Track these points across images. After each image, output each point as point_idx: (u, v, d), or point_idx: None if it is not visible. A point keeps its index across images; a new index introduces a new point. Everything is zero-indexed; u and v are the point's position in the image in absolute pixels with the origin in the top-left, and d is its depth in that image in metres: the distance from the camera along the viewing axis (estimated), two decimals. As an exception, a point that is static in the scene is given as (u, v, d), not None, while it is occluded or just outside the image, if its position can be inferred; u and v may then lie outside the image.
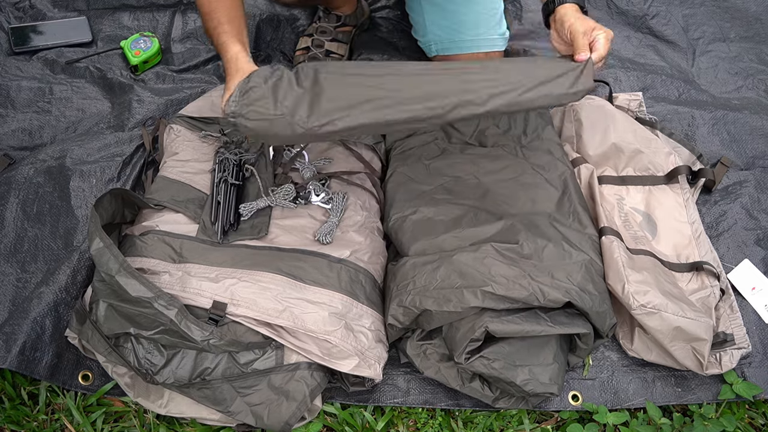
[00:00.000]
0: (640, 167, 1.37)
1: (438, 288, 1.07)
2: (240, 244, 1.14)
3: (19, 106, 1.44)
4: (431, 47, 1.52)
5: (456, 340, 1.06)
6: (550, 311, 1.08)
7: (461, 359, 1.04)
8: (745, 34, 1.74)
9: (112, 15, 1.64)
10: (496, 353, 1.05)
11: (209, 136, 1.32)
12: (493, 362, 1.04)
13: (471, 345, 1.04)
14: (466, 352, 1.04)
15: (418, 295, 1.07)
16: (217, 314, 1.02)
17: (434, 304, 1.05)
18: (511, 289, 1.04)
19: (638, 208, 1.32)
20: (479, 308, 1.05)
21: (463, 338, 1.04)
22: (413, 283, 1.09)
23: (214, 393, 1.04)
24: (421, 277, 1.09)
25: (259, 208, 1.20)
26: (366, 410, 1.15)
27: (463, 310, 1.04)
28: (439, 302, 1.05)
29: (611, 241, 1.18)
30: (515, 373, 1.04)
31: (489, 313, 1.05)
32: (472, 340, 1.03)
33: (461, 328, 1.06)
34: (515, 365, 1.04)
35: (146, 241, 1.12)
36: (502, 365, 1.04)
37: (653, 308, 1.10)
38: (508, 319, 1.04)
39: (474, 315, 1.05)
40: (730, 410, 1.18)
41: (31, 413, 1.12)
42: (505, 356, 1.05)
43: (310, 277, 1.10)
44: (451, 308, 1.04)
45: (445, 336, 1.10)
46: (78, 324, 1.09)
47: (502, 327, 1.03)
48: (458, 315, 1.05)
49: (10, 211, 1.24)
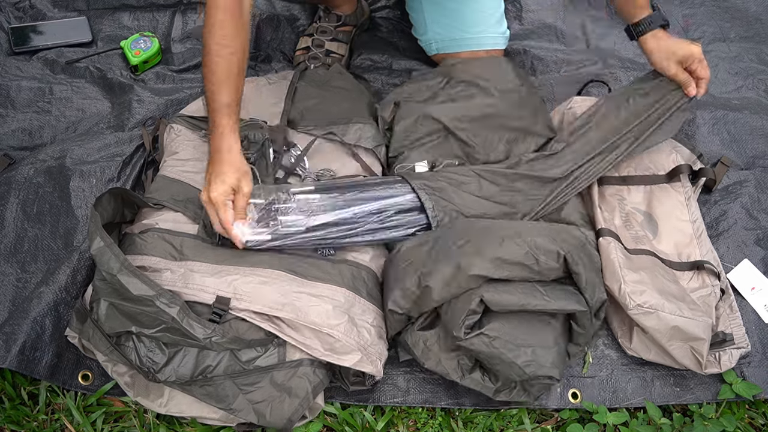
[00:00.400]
0: (641, 167, 1.37)
1: (435, 261, 1.07)
2: None
3: (19, 106, 1.44)
4: (431, 46, 1.52)
5: (455, 314, 1.06)
6: (547, 285, 1.08)
7: (460, 333, 1.04)
8: (745, 34, 1.74)
9: (112, 15, 1.64)
10: (496, 330, 1.04)
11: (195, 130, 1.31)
12: (494, 340, 1.04)
13: (469, 319, 1.04)
14: (465, 326, 1.04)
15: (416, 273, 1.07)
16: (221, 309, 1.03)
17: (432, 278, 1.05)
18: (507, 250, 1.05)
19: (639, 208, 1.32)
20: (478, 282, 1.05)
21: (461, 311, 1.04)
22: (411, 263, 1.10)
23: (216, 390, 1.04)
24: (418, 257, 1.10)
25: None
26: (366, 410, 1.15)
27: (461, 279, 1.04)
28: (436, 275, 1.05)
29: (608, 242, 1.18)
30: (517, 353, 1.04)
31: (486, 285, 1.05)
32: (469, 311, 1.03)
33: (459, 303, 1.06)
34: (516, 344, 1.04)
35: (146, 239, 1.12)
36: (503, 343, 1.04)
37: (650, 308, 1.10)
38: (505, 289, 1.05)
39: (472, 290, 1.06)
40: (730, 410, 1.18)
41: (31, 413, 1.12)
42: (505, 334, 1.04)
43: (312, 274, 1.10)
44: (448, 275, 1.05)
45: (444, 317, 1.09)
46: (78, 323, 1.09)
47: (498, 297, 1.04)
48: (457, 286, 1.05)
49: (10, 211, 1.24)
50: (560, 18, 1.73)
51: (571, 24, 1.73)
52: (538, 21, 1.71)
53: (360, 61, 1.60)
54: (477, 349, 1.05)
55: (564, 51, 1.67)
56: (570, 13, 1.75)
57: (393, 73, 1.59)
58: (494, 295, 1.04)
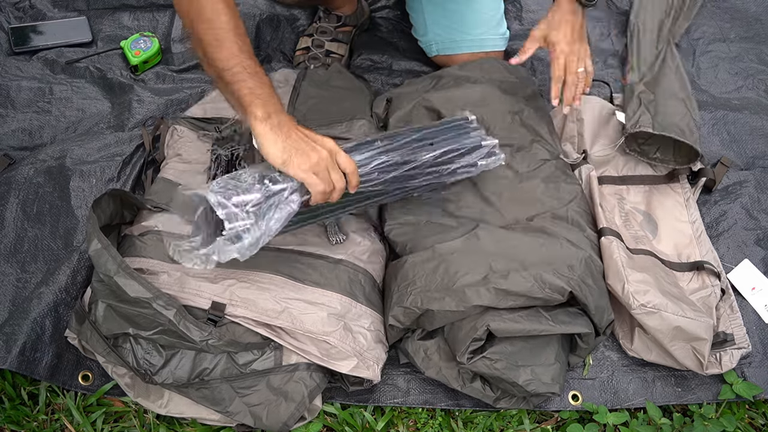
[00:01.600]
0: (640, 167, 1.37)
1: (439, 288, 1.07)
2: None
3: (19, 106, 1.44)
4: (432, 47, 1.52)
5: (458, 339, 1.06)
6: (552, 310, 1.07)
7: (463, 359, 1.04)
8: (745, 34, 1.74)
9: (112, 15, 1.64)
10: (498, 353, 1.04)
11: (205, 135, 1.31)
12: (496, 363, 1.04)
13: (473, 345, 1.04)
14: (469, 352, 1.04)
15: (419, 295, 1.07)
16: (216, 315, 1.02)
17: (436, 304, 1.05)
18: (512, 282, 1.04)
19: (639, 208, 1.32)
20: (481, 307, 1.05)
21: (466, 338, 1.04)
22: (414, 283, 1.09)
23: (212, 393, 1.04)
24: (421, 277, 1.09)
25: None
26: (366, 410, 1.15)
27: (466, 309, 1.04)
28: (440, 302, 1.05)
29: (611, 242, 1.18)
30: (517, 373, 1.04)
31: (491, 313, 1.05)
32: (474, 339, 1.03)
33: (463, 328, 1.06)
34: (518, 366, 1.04)
35: (145, 242, 1.12)
36: (505, 365, 1.04)
37: (653, 308, 1.10)
38: (510, 318, 1.04)
39: (476, 314, 1.05)
40: (730, 410, 1.18)
41: (31, 413, 1.12)
42: (507, 356, 1.04)
43: (308, 278, 1.09)
44: (453, 308, 1.04)
45: (447, 336, 1.09)
46: (77, 324, 1.08)
47: (504, 326, 1.03)
48: (461, 314, 1.05)
49: (10, 211, 1.23)
50: (560, 18, 1.73)
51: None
52: (538, 21, 1.70)
53: (360, 61, 1.60)
54: (479, 370, 1.05)
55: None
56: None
57: (393, 73, 1.59)
58: (500, 324, 1.03)
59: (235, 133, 1.27)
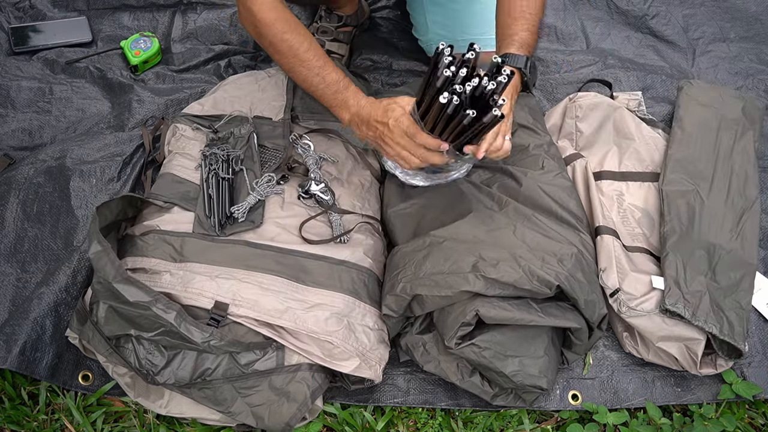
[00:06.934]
0: (640, 163, 1.37)
1: (428, 274, 1.07)
2: (239, 240, 1.13)
3: (19, 106, 1.44)
4: (432, 47, 1.52)
5: (447, 323, 1.06)
6: (543, 303, 1.08)
7: (451, 344, 1.04)
8: (745, 34, 1.74)
9: (112, 15, 1.64)
10: (487, 341, 1.04)
11: (198, 129, 1.31)
12: (484, 350, 1.04)
13: (462, 329, 1.04)
14: (457, 338, 1.04)
15: (409, 282, 1.07)
16: (219, 314, 1.02)
17: (425, 289, 1.05)
18: (501, 272, 1.04)
19: (638, 205, 1.32)
20: (471, 293, 1.05)
21: (455, 322, 1.04)
22: (404, 271, 1.09)
23: (214, 393, 1.04)
24: (411, 264, 1.10)
25: (251, 205, 1.19)
26: (366, 410, 1.15)
27: (454, 294, 1.04)
28: (430, 288, 1.05)
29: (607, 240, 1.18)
30: (505, 363, 1.04)
31: (481, 298, 1.05)
32: (463, 324, 1.03)
33: (453, 312, 1.06)
34: (506, 355, 1.04)
35: (147, 241, 1.11)
36: (493, 354, 1.04)
37: (641, 310, 1.11)
38: (500, 305, 1.04)
39: (466, 300, 1.05)
40: (730, 410, 1.18)
41: (31, 413, 1.12)
42: (495, 345, 1.04)
43: (311, 279, 1.09)
44: (442, 293, 1.04)
45: (437, 321, 1.09)
46: (78, 324, 1.08)
47: (494, 312, 1.03)
48: (449, 299, 1.05)
49: (10, 211, 1.23)
50: (560, 18, 1.73)
51: (571, 24, 1.73)
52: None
53: (360, 61, 1.61)
54: (467, 357, 1.06)
55: (564, 51, 1.67)
56: (570, 13, 1.75)
57: (393, 73, 1.59)
58: (489, 310, 1.03)
59: (232, 135, 1.27)
